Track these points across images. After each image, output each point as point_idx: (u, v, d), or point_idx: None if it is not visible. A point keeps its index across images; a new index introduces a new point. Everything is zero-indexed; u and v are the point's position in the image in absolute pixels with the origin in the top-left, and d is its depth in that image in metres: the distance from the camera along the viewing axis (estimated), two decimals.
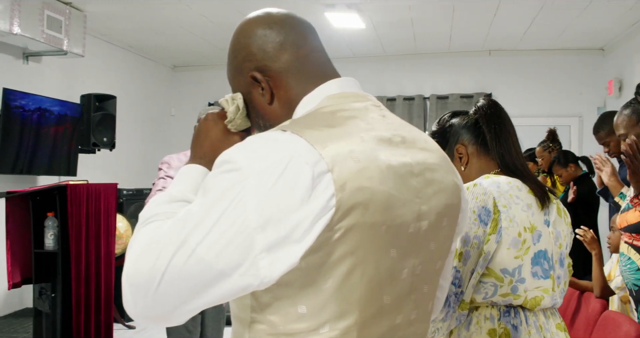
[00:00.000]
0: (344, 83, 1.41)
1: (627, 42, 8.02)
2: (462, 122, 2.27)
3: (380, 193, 1.20)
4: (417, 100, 9.25)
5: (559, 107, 8.99)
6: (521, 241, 2.02)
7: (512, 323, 2.03)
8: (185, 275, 1.13)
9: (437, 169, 1.39)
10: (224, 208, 1.13)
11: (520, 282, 2.02)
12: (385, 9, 7.11)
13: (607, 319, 3.31)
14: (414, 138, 1.39)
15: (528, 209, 2.07)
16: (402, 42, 8.69)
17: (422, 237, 1.33)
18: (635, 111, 3.09)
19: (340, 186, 1.15)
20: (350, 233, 1.16)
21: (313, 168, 1.14)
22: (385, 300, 1.26)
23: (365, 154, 1.21)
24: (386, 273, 1.25)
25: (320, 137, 1.19)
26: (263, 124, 1.46)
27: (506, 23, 7.65)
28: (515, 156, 2.17)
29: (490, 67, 9.18)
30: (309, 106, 1.36)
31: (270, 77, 1.40)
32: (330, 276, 1.17)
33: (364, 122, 1.29)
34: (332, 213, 1.14)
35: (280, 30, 1.42)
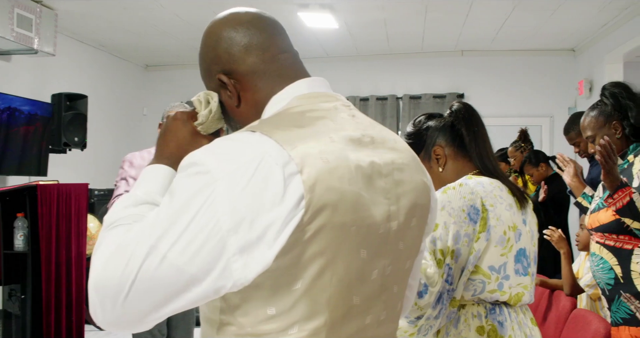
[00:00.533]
0: (313, 83, 1.40)
1: (597, 43, 8.10)
2: (439, 125, 2.31)
3: (349, 194, 1.20)
4: (390, 100, 9.27)
5: (530, 107, 9.06)
6: (506, 239, 2.09)
7: (498, 319, 2.08)
8: (157, 281, 1.11)
9: (406, 169, 1.39)
10: (194, 212, 1.11)
11: (505, 279, 2.09)
12: (358, 9, 7.12)
13: (577, 317, 3.34)
14: (383, 138, 1.39)
15: (510, 209, 2.14)
16: (375, 43, 8.70)
17: (392, 238, 1.33)
18: (601, 113, 3.12)
19: (310, 187, 1.14)
20: (320, 234, 1.16)
21: (283, 168, 1.13)
22: (355, 300, 1.26)
23: (334, 154, 1.21)
24: (356, 273, 1.24)
25: (289, 137, 1.18)
26: (234, 125, 1.46)
27: (478, 24, 7.70)
28: (493, 157, 2.25)
29: (463, 67, 9.23)
30: (277, 106, 1.35)
31: (237, 80, 1.40)
32: (300, 278, 1.17)
33: (333, 123, 1.29)
34: (301, 213, 1.13)
35: (246, 33, 1.41)
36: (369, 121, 1.42)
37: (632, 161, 3.02)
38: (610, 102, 3.09)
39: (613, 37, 7.55)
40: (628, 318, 2.91)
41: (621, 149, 3.09)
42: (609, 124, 3.09)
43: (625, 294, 2.91)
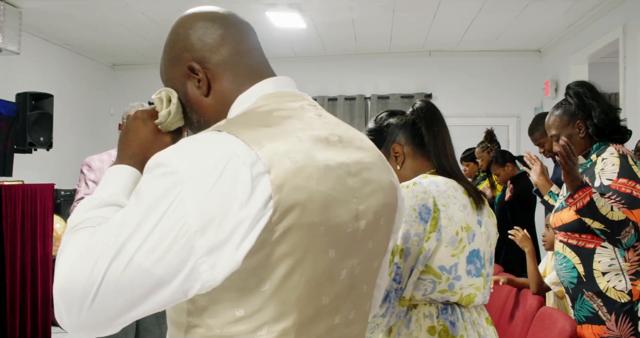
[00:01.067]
0: (279, 82, 1.40)
1: (563, 44, 8.19)
2: (400, 122, 2.30)
3: (317, 193, 1.20)
4: (358, 100, 9.28)
5: (497, 107, 9.13)
6: (458, 240, 2.07)
7: (450, 319, 2.07)
8: (124, 284, 1.10)
9: (373, 169, 1.39)
10: (161, 213, 1.10)
11: (456, 280, 2.07)
12: (326, 9, 7.12)
13: (543, 315, 3.37)
14: (351, 137, 1.39)
15: (464, 209, 2.12)
16: (343, 42, 8.71)
17: (360, 237, 1.33)
18: (566, 112, 3.14)
19: (278, 187, 1.13)
20: (289, 234, 1.15)
21: (251, 168, 1.13)
22: (324, 300, 1.26)
23: (302, 154, 1.21)
24: (325, 273, 1.24)
25: (256, 137, 1.18)
26: (197, 120, 1.44)
27: (445, 24, 7.74)
28: (450, 157, 2.24)
29: (430, 67, 9.27)
30: (243, 105, 1.34)
31: (208, 69, 1.38)
32: (268, 279, 1.16)
33: (300, 122, 1.29)
34: (270, 214, 1.12)
35: (222, 25, 1.41)
36: (336, 121, 1.42)
37: (594, 160, 3.04)
38: (575, 101, 3.11)
39: (578, 39, 7.64)
40: (591, 316, 2.94)
41: (585, 149, 3.12)
42: (572, 123, 3.11)
43: (587, 293, 2.94)
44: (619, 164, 2.90)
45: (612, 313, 2.87)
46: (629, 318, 2.85)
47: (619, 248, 2.86)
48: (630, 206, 2.81)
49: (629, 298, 2.85)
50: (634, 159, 2.94)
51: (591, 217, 2.80)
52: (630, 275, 2.87)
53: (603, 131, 3.05)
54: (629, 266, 2.87)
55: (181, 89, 1.43)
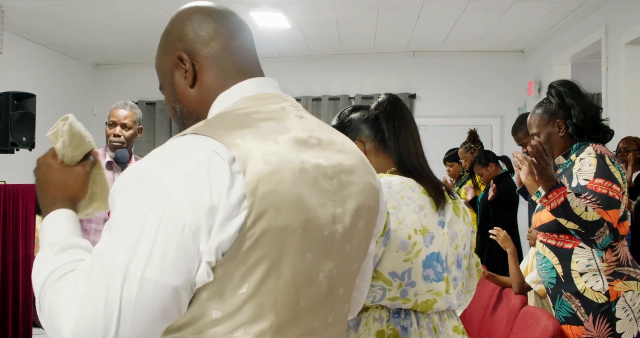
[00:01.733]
0: (261, 83, 1.41)
1: (546, 45, 8.22)
2: (362, 118, 2.20)
3: (292, 196, 1.20)
4: (342, 100, 9.28)
5: (481, 107, 9.16)
6: (411, 244, 1.97)
7: (402, 324, 1.99)
8: (142, 304, 1.09)
9: (353, 172, 1.39)
10: (157, 223, 1.10)
11: (410, 286, 1.97)
12: (310, 9, 7.12)
13: (526, 314, 3.39)
14: (331, 140, 1.39)
15: (420, 211, 2.01)
16: (327, 42, 8.71)
17: (338, 240, 1.33)
18: (546, 111, 3.15)
19: (252, 189, 1.14)
20: (264, 237, 1.16)
21: (230, 165, 1.14)
22: (302, 303, 1.26)
23: (278, 156, 1.21)
24: (302, 276, 1.25)
25: (233, 139, 1.18)
26: (180, 110, 1.45)
27: (429, 25, 7.75)
28: (414, 155, 2.11)
29: (414, 67, 9.28)
30: (223, 104, 1.35)
31: (197, 61, 1.40)
32: (246, 282, 1.16)
33: (279, 124, 1.29)
34: (244, 215, 1.13)
35: (217, 20, 1.43)
36: (317, 122, 1.42)
37: (574, 160, 3.04)
38: (556, 100, 3.11)
39: (561, 39, 7.68)
40: (570, 317, 2.95)
41: (565, 148, 3.12)
42: (553, 122, 3.11)
43: (566, 293, 2.94)
44: (595, 165, 2.90)
45: (590, 313, 2.87)
46: (606, 319, 2.85)
47: (595, 248, 2.86)
48: (606, 207, 2.80)
49: (607, 298, 2.85)
50: (612, 159, 2.94)
51: (565, 217, 2.79)
52: (608, 275, 2.87)
53: (582, 131, 3.05)
54: (606, 267, 2.87)
55: (169, 78, 1.45)
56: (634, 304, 2.86)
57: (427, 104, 9.17)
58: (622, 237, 2.95)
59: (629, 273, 2.91)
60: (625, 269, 2.91)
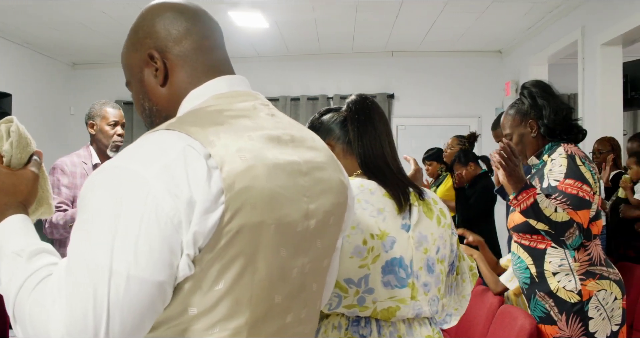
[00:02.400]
0: (233, 81, 1.40)
1: (523, 46, 8.28)
2: (332, 120, 2.14)
3: (267, 192, 1.21)
4: (321, 100, 9.29)
5: (459, 107, 9.20)
6: (367, 250, 1.88)
7: (361, 333, 1.91)
8: (131, 302, 1.09)
9: (324, 168, 1.41)
10: (139, 219, 1.09)
11: (368, 293, 1.88)
12: (288, 9, 7.11)
13: (504, 313, 3.40)
14: (303, 137, 1.40)
15: (379, 215, 1.93)
16: (306, 42, 8.71)
17: (310, 236, 1.34)
18: (519, 111, 3.16)
19: (229, 185, 1.14)
20: (241, 233, 1.16)
21: (206, 161, 1.14)
22: (277, 299, 1.26)
23: (253, 152, 1.22)
24: (277, 272, 1.25)
25: (207, 135, 1.18)
26: (149, 108, 1.43)
27: (408, 25, 7.77)
28: (380, 156, 2.03)
29: (393, 68, 9.31)
30: (194, 101, 1.34)
31: (168, 59, 1.38)
32: (222, 279, 1.16)
33: (251, 122, 1.29)
34: (221, 210, 1.13)
35: (189, 19, 1.40)
36: (288, 120, 1.43)
37: (546, 160, 3.06)
38: (528, 101, 3.12)
39: (538, 40, 7.73)
40: (544, 316, 2.97)
41: (537, 149, 3.13)
42: (525, 122, 3.12)
43: (539, 293, 2.96)
44: (566, 165, 2.91)
45: (563, 313, 2.89)
46: (579, 319, 2.87)
47: (567, 248, 2.89)
48: (576, 207, 2.82)
49: (579, 298, 2.87)
50: (583, 159, 2.95)
51: (535, 218, 2.81)
52: (580, 275, 2.89)
53: (554, 131, 3.07)
54: (579, 267, 2.90)
55: (137, 75, 1.43)
56: (606, 303, 2.88)
57: (405, 104, 9.20)
58: (595, 237, 2.97)
59: (601, 272, 2.93)
60: (597, 268, 2.93)
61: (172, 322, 1.17)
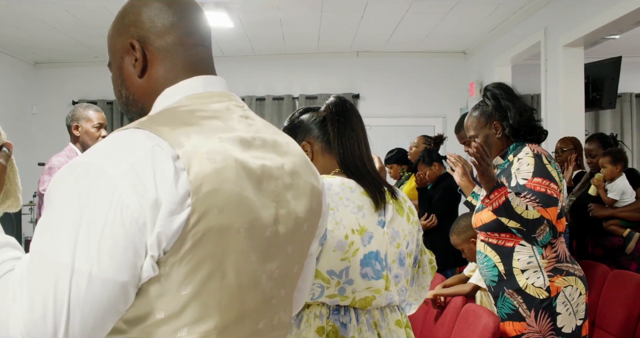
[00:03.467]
0: (209, 81, 1.38)
1: (487, 46, 8.35)
2: (311, 119, 2.24)
3: (235, 195, 1.20)
4: (286, 100, 9.28)
5: (423, 108, 9.25)
6: (348, 244, 2.02)
7: (341, 321, 2.04)
8: (91, 302, 1.07)
9: (297, 174, 1.39)
10: (104, 218, 1.08)
11: (348, 284, 2.02)
12: (253, 8, 7.08)
13: (468, 312, 3.43)
14: (276, 141, 1.39)
15: (359, 211, 2.07)
16: (271, 42, 8.69)
17: (280, 241, 1.33)
18: (483, 113, 3.21)
19: (196, 187, 1.13)
20: (207, 236, 1.15)
21: (174, 162, 1.13)
22: (247, 305, 1.25)
23: (222, 155, 1.20)
24: (247, 277, 1.24)
25: (176, 136, 1.17)
26: (126, 96, 1.41)
27: (373, 25, 7.79)
28: (358, 156, 2.15)
29: (358, 68, 9.33)
30: (168, 100, 1.32)
31: (149, 51, 1.36)
32: (189, 282, 1.15)
33: (223, 124, 1.28)
34: (187, 213, 1.12)
35: (176, 13, 1.38)
36: (263, 123, 1.41)
37: (511, 160, 3.11)
38: (492, 102, 3.18)
39: (502, 41, 7.80)
40: (512, 313, 3.00)
41: (502, 149, 3.19)
42: (489, 124, 3.17)
43: (508, 290, 3.00)
44: (533, 164, 2.97)
45: (532, 309, 2.93)
46: (547, 314, 2.91)
47: (535, 246, 2.93)
48: (545, 205, 2.88)
49: (547, 294, 2.92)
50: (549, 158, 3.02)
51: (507, 216, 2.86)
52: (548, 271, 2.94)
53: (519, 132, 3.13)
54: (547, 263, 2.94)
55: (118, 61, 1.41)
56: (572, 298, 2.94)
57: (370, 104, 9.22)
58: (560, 234, 3.02)
59: (567, 269, 2.98)
60: (564, 265, 2.98)
61: (139, 325, 1.16)
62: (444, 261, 5.49)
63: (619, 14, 5.22)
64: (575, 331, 2.95)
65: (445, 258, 5.51)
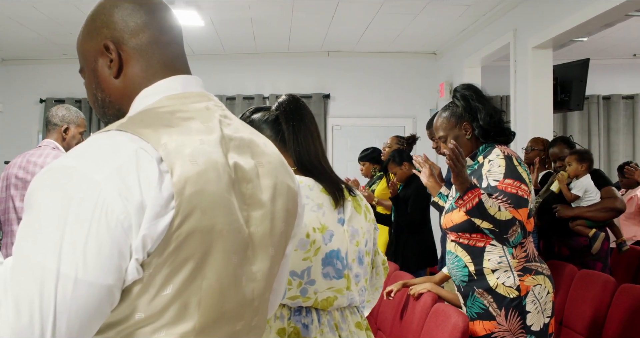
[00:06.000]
0: (187, 81, 1.37)
1: (457, 47, 8.40)
2: (263, 118, 2.20)
3: (217, 197, 1.20)
4: (256, 99, 9.27)
5: (394, 108, 9.29)
6: (310, 243, 2.00)
7: (303, 322, 2.02)
8: (77, 306, 1.06)
9: (273, 174, 1.39)
10: (89, 221, 1.07)
11: (309, 284, 2.01)
12: (224, 7, 7.06)
13: (437, 311, 3.44)
14: (253, 141, 1.39)
15: (318, 209, 2.05)
16: (242, 41, 8.67)
17: (259, 243, 1.33)
18: (453, 114, 3.22)
19: (179, 190, 1.13)
20: (191, 238, 1.15)
21: (158, 164, 1.13)
22: (227, 306, 1.25)
23: (204, 156, 1.20)
24: (228, 279, 1.24)
25: (158, 137, 1.17)
26: (102, 98, 1.39)
27: (344, 25, 7.81)
28: (314, 154, 2.13)
29: (329, 68, 9.35)
30: (147, 99, 1.31)
31: (123, 51, 1.34)
32: (170, 283, 1.15)
33: (203, 125, 1.27)
34: (171, 215, 1.12)
35: (148, 12, 1.37)
36: (240, 123, 1.41)
37: (481, 161, 3.12)
38: (462, 104, 3.19)
39: (471, 42, 7.86)
40: (482, 312, 3.02)
41: (471, 150, 3.20)
42: (459, 125, 3.18)
43: (478, 290, 3.02)
44: (504, 166, 2.99)
45: (502, 308, 2.95)
46: (517, 313, 2.94)
47: (506, 246, 2.96)
48: (516, 206, 2.90)
49: (517, 293, 2.94)
50: (519, 160, 3.05)
51: (480, 217, 2.88)
52: (518, 271, 2.97)
53: (488, 133, 3.14)
54: (517, 263, 2.97)
55: (91, 64, 1.39)
56: (541, 297, 2.98)
57: (341, 104, 9.24)
58: (529, 234, 3.05)
59: (536, 268, 3.02)
60: (533, 264, 3.02)
61: (118, 326, 1.15)
62: (417, 262, 5.52)
63: (586, 16, 5.29)
64: (543, 328, 2.99)
65: (418, 258, 5.53)
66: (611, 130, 10.01)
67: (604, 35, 7.43)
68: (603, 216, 5.10)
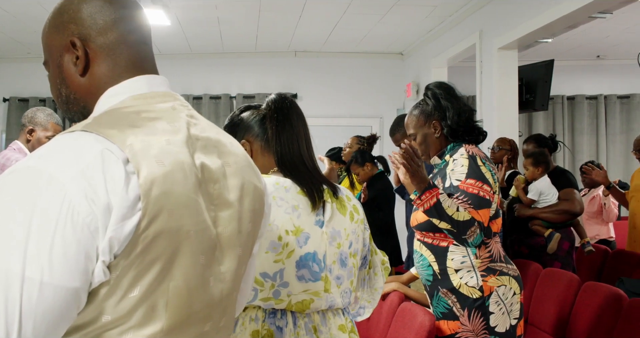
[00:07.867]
0: (153, 81, 1.36)
1: (424, 48, 8.45)
2: (251, 117, 2.20)
3: (184, 198, 1.19)
4: (223, 99, 9.24)
5: (361, 108, 9.32)
6: (282, 245, 1.97)
7: (277, 324, 2.00)
8: (44, 310, 1.04)
9: (239, 174, 1.38)
10: (54, 224, 1.05)
11: (282, 286, 1.98)
12: (191, 7, 7.03)
13: (404, 311, 3.45)
14: (219, 141, 1.38)
15: (293, 212, 2.02)
16: (208, 41, 8.64)
17: (226, 243, 1.32)
18: (423, 112, 3.23)
19: (146, 191, 1.12)
20: (158, 239, 1.14)
21: (125, 166, 1.11)
22: (195, 307, 1.24)
23: (171, 157, 1.19)
24: (195, 280, 1.23)
25: (124, 138, 1.15)
26: (66, 95, 1.37)
27: (311, 25, 7.81)
28: (296, 155, 2.10)
29: (296, 68, 9.35)
30: (112, 100, 1.29)
31: (90, 48, 1.32)
32: (137, 285, 1.13)
33: (169, 125, 1.26)
34: (138, 217, 1.11)
35: (118, 10, 1.35)
36: (207, 123, 1.40)
37: (448, 160, 3.13)
38: (432, 102, 3.19)
39: (438, 43, 7.91)
40: (446, 312, 3.03)
41: (440, 149, 3.20)
42: (429, 123, 3.19)
43: (442, 289, 3.02)
44: (467, 165, 2.99)
45: (465, 308, 2.96)
46: (480, 313, 2.94)
47: (467, 246, 2.97)
48: (477, 207, 2.90)
49: (481, 294, 2.95)
50: (484, 160, 3.04)
51: (438, 217, 2.88)
52: (481, 271, 2.97)
53: (457, 132, 3.14)
54: (480, 263, 2.97)
55: (56, 59, 1.36)
56: (506, 298, 2.97)
57: (308, 104, 9.23)
58: (495, 234, 3.06)
59: (501, 268, 3.02)
60: (498, 265, 3.02)
61: (85, 328, 1.13)
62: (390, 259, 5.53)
63: (551, 18, 5.35)
64: (509, 330, 2.99)
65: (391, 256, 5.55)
66: (575, 130, 10.14)
67: (568, 36, 7.52)
68: (556, 218, 5.19)
